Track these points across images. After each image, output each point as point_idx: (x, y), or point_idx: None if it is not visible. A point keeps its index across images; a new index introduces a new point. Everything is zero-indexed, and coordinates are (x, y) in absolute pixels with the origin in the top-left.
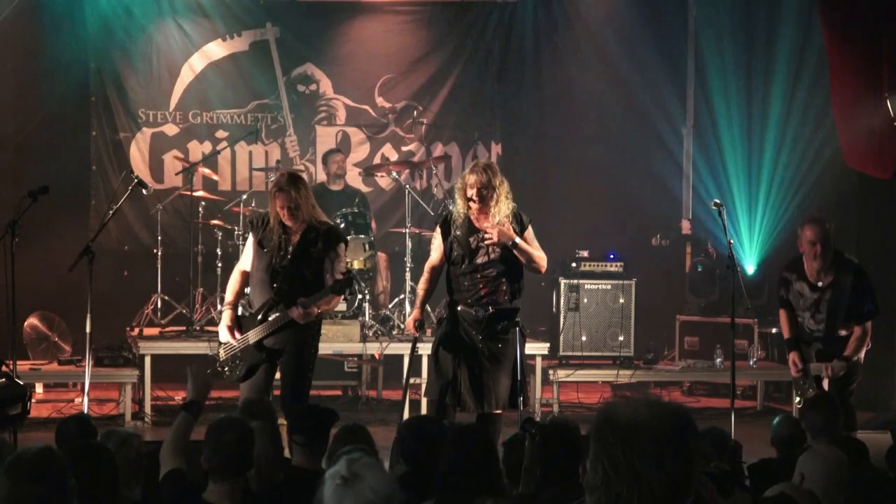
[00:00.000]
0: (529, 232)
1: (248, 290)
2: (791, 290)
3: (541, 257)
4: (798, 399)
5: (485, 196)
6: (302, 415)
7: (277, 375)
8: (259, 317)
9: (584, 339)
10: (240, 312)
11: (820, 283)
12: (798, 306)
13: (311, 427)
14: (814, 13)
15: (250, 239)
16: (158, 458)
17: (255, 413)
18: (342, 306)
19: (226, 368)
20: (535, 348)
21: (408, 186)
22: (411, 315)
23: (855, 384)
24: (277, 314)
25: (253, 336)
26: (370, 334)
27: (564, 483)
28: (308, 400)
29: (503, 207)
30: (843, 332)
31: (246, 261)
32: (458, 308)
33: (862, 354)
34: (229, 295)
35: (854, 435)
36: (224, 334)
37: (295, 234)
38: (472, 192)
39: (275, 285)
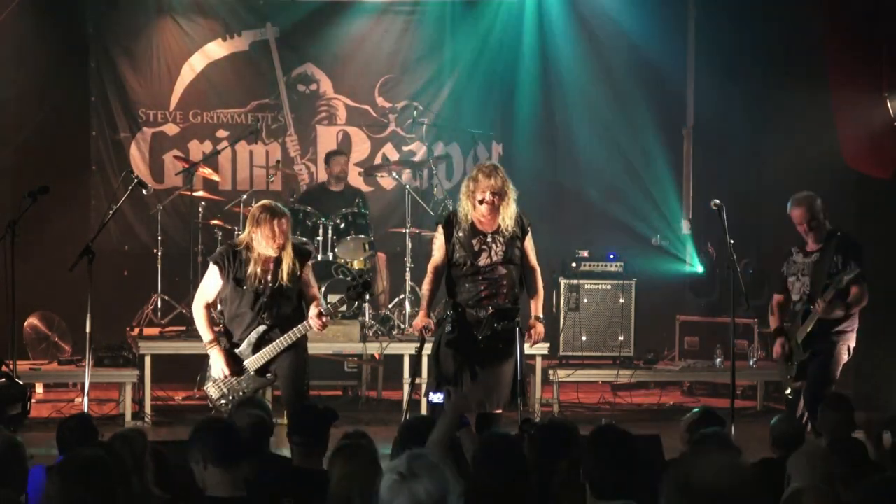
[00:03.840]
0: (529, 238)
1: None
2: (790, 261)
3: (541, 288)
4: (788, 391)
5: (497, 200)
6: (300, 415)
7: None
8: (252, 348)
9: (584, 339)
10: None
11: (813, 249)
12: (788, 272)
13: (309, 427)
14: (814, 13)
15: (216, 275)
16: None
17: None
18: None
19: (222, 402)
20: (535, 348)
21: (408, 186)
22: (419, 317)
23: (831, 388)
24: (276, 339)
25: (252, 364)
26: (370, 334)
27: (563, 483)
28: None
29: (512, 210)
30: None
31: (210, 294)
32: (459, 309)
33: (851, 342)
34: (208, 332)
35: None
36: (219, 371)
37: (268, 261)
38: (483, 196)
39: (265, 313)
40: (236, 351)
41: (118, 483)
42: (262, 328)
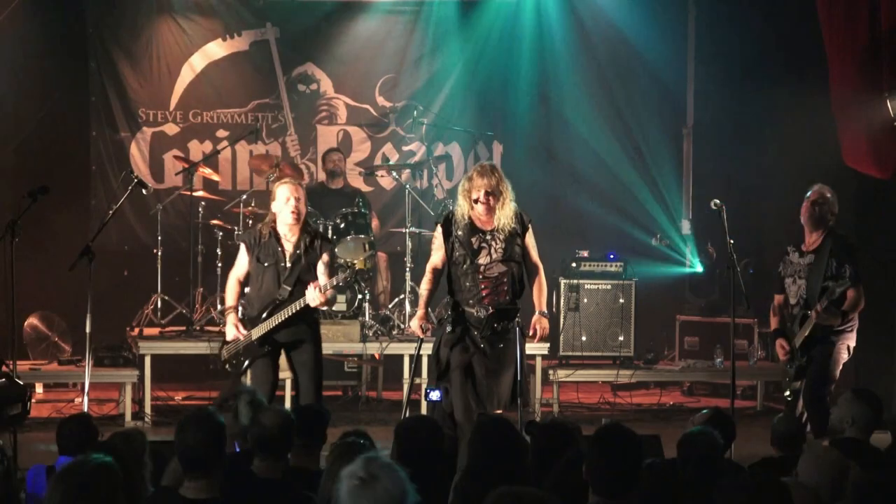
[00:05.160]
0: (530, 234)
1: (247, 289)
2: (786, 260)
3: (544, 283)
4: (787, 392)
5: (492, 199)
6: (301, 415)
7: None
8: (264, 315)
9: (584, 339)
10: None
11: (808, 249)
12: (785, 273)
13: (310, 427)
14: (814, 12)
15: (243, 252)
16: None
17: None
18: (342, 306)
19: (227, 366)
20: (535, 348)
21: (408, 186)
22: (416, 316)
23: (832, 388)
24: (278, 312)
25: (255, 333)
26: (370, 334)
27: (563, 483)
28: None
29: (508, 210)
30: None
31: (241, 269)
32: (460, 308)
33: (851, 341)
34: (231, 300)
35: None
36: (231, 333)
37: (289, 241)
38: (478, 195)
39: (283, 288)
40: (246, 316)
41: (122, 487)
42: (277, 301)
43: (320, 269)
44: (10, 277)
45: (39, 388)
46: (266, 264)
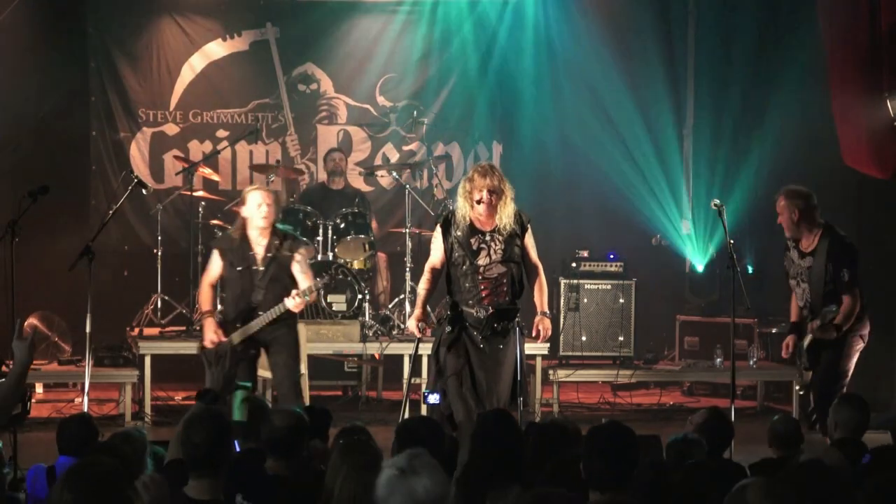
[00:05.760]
0: (529, 234)
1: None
2: (787, 257)
3: (545, 284)
4: (798, 387)
5: (494, 197)
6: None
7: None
8: (242, 320)
9: (584, 339)
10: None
11: (805, 250)
12: (790, 273)
13: (314, 428)
14: (814, 13)
15: (216, 258)
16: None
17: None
18: (342, 306)
19: (211, 368)
20: (535, 348)
21: (408, 186)
22: (413, 316)
23: (845, 382)
24: (257, 318)
25: (236, 338)
26: (370, 334)
27: (564, 483)
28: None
29: (510, 209)
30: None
31: (213, 275)
32: (459, 308)
33: (864, 330)
34: (207, 304)
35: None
36: (209, 338)
37: (259, 245)
38: (480, 195)
39: (258, 293)
40: (225, 319)
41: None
42: (253, 305)
43: (296, 268)
44: (11, 277)
45: (39, 388)
46: (239, 268)
